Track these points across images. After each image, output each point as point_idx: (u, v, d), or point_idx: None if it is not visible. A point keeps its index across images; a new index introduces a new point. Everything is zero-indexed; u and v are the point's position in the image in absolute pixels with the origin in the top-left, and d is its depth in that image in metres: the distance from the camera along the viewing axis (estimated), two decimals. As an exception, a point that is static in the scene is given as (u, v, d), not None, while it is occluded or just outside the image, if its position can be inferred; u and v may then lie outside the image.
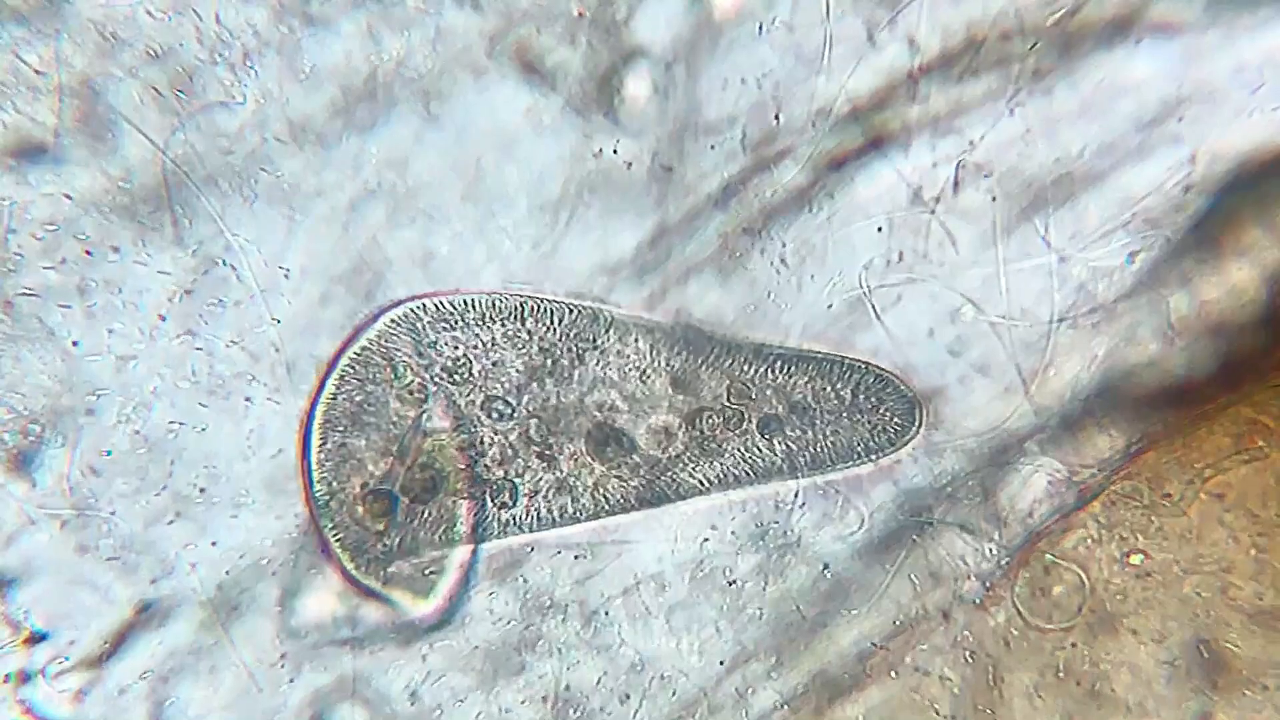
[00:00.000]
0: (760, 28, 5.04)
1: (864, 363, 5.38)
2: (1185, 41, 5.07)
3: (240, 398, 5.26)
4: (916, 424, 5.39)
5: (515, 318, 5.29)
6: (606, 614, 5.52)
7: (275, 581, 5.34)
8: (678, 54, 5.08)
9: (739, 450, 5.40)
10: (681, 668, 5.56)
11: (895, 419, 5.40)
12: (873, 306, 5.31)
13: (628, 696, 5.56)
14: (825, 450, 5.43)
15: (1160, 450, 5.45)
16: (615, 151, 5.14)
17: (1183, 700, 5.52)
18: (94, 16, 4.91)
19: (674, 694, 5.57)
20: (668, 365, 5.33)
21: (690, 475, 5.40)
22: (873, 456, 5.44)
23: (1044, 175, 5.19)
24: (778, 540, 5.49)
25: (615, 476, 5.37)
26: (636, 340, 5.32)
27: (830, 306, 5.32)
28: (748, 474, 5.42)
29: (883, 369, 5.39)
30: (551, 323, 5.30)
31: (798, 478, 5.44)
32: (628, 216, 5.24)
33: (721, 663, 5.56)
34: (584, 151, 5.17)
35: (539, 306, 5.29)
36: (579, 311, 5.30)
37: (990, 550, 5.50)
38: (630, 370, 5.34)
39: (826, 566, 5.51)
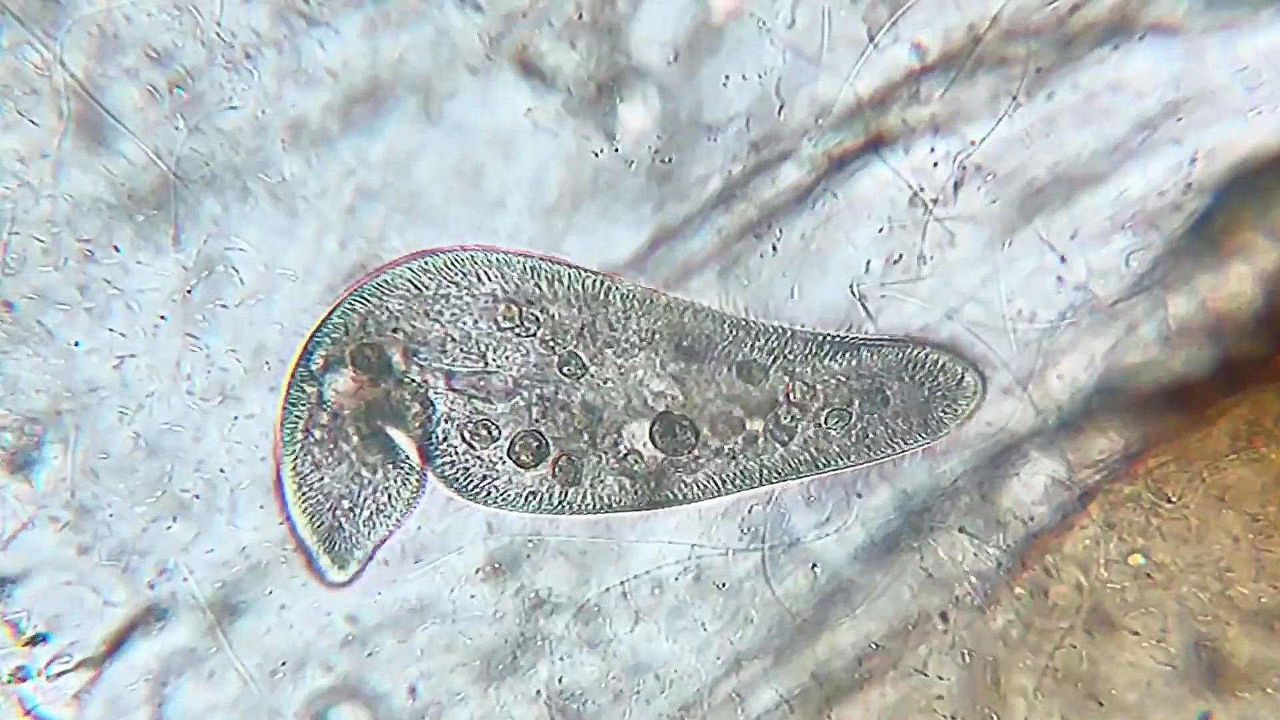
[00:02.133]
0: (761, 26, 5.04)
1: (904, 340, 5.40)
2: (1185, 41, 5.07)
3: (239, 399, 5.26)
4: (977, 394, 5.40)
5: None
6: (604, 613, 5.52)
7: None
8: (677, 53, 5.07)
9: (808, 438, 5.41)
10: (679, 668, 5.57)
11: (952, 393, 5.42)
12: (865, 308, 5.31)
13: (623, 694, 5.57)
14: (893, 433, 5.44)
15: (1159, 451, 5.45)
16: (616, 150, 5.14)
17: (1182, 700, 5.53)
18: (94, 16, 4.90)
19: (669, 694, 5.58)
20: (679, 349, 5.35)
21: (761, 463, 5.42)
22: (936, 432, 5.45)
23: (1044, 175, 5.19)
24: (775, 542, 5.49)
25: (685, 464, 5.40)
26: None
27: (831, 300, 5.33)
28: (812, 464, 5.44)
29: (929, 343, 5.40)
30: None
31: (863, 463, 5.46)
32: (628, 216, 5.23)
33: (718, 661, 5.57)
34: (584, 151, 5.16)
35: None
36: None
37: (990, 551, 5.50)
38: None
39: (815, 566, 5.51)
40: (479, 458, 5.32)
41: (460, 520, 5.42)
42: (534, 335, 5.28)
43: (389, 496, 5.34)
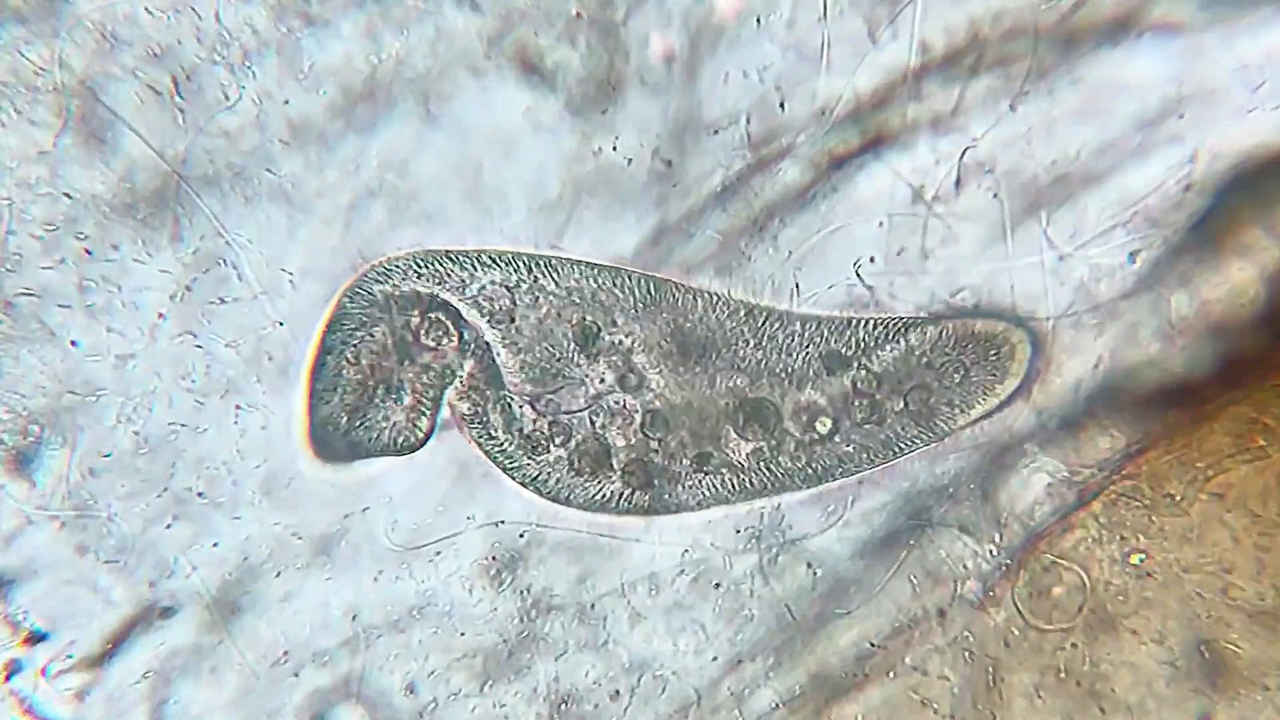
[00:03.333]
0: (759, 22, 5.04)
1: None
2: (1186, 40, 5.06)
3: (240, 397, 5.27)
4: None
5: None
6: (603, 612, 5.52)
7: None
8: (677, 52, 5.08)
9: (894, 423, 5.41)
10: (677, 668, 5.56)
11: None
12: (865, 284, 5.29)
13: (621, 694, 5.57)
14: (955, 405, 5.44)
15: (1161, 450, 5.44)
16: (615, 148, 5.15)
17: (1183, 701, 5.51)
18: (94, 16, 4.92)
19: (668, 694, 5.57)
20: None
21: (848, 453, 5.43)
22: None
23: (1045, 174, 5.18)
24: (773, 540, 5.49)
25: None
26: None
27: (832, 287, 5.32)
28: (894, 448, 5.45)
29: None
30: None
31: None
32: (628, 215, 5.24)
33: (717, 661, 5.57)
34: (584, 151, 5.17)
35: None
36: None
37: (990, 551, 5.49)
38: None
39: (810, 566, 5.51)
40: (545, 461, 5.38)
41: (459, 519, 5.43)
42: (597, 355, 5.31)
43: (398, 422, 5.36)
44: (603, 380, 5.32)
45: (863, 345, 5.35)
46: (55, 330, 5.12)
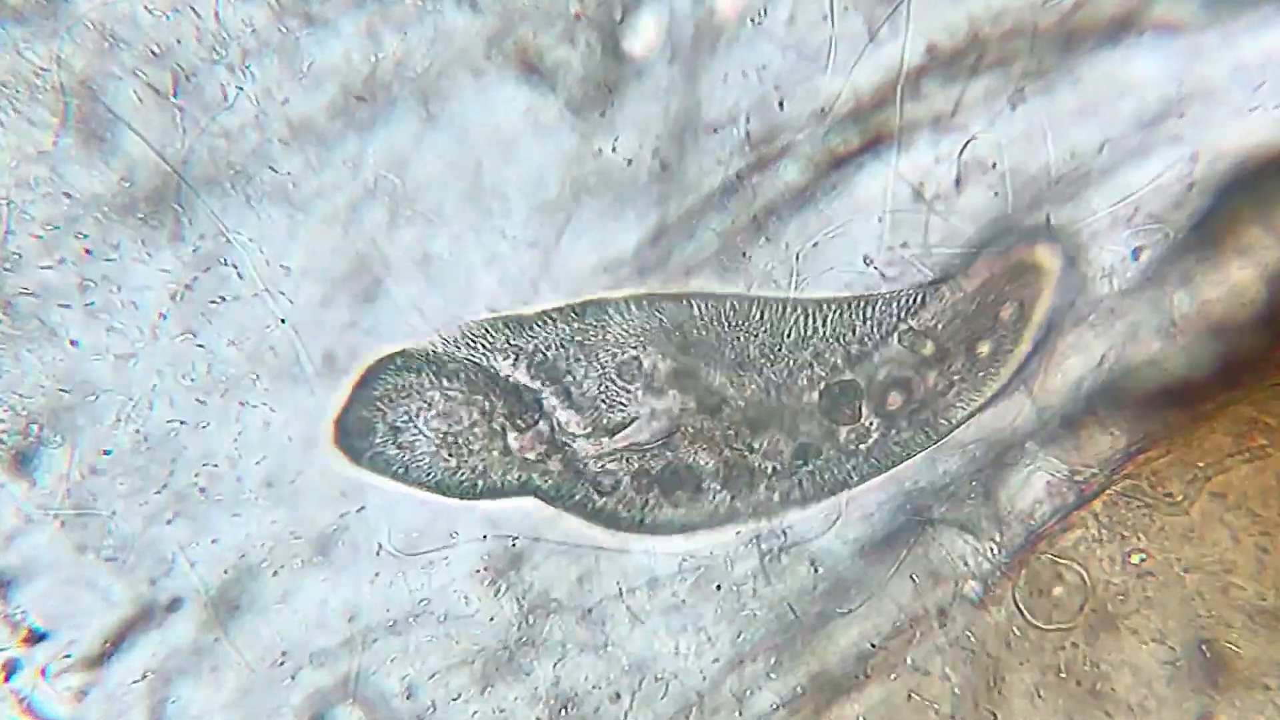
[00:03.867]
0: (753, 20, 5.04)
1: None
2: (1186, 40, 5.06)
3: (241, 396, 5.27)
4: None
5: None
6: (603, 614, 5.52)
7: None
8: (677, 51, 5.08)
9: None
10: (678, 669, 5.56)
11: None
12: (880, 272, 5.29)
13: (622, 695, 5.56)
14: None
15: (1161, 449, 5.44)
16: (614, 149, 5.15)
17: (1183, 700, 5.51)
18: (94, 16, 4.92)
19: (669, 695, 5.57)
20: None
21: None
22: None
23: (1045, 173, 5.18)
24: (773, 540, 5.48)
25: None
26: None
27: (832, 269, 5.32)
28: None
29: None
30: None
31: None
32: (628, 215, 5.24)
33: (718, 662, 5.56)
34: (583, 151, 5.17)
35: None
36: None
37: (991, 550, 5.49)
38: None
39: (813, 564, 5.50)
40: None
41: (458, 521, 5.43)
42: (663, 388, 5.32)
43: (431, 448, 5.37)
44: (676, 407, 5.31)
45: (922, 316, 5.34)
46: (55, 330, 5.12)
